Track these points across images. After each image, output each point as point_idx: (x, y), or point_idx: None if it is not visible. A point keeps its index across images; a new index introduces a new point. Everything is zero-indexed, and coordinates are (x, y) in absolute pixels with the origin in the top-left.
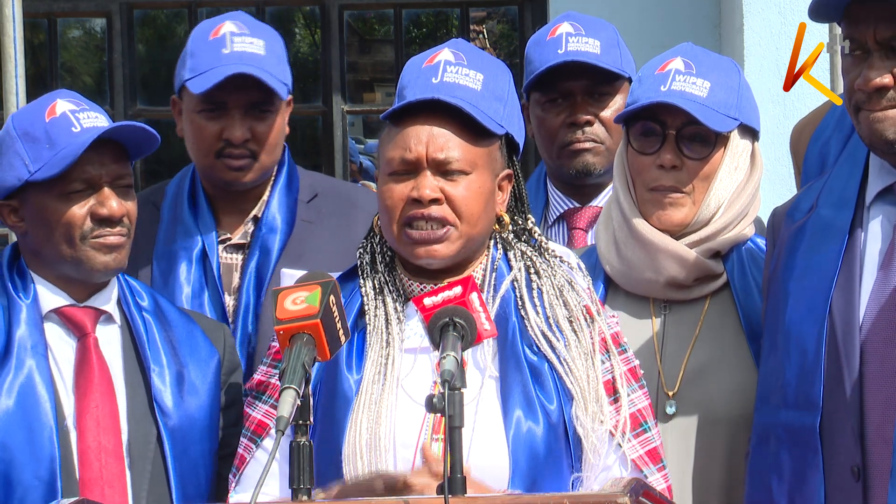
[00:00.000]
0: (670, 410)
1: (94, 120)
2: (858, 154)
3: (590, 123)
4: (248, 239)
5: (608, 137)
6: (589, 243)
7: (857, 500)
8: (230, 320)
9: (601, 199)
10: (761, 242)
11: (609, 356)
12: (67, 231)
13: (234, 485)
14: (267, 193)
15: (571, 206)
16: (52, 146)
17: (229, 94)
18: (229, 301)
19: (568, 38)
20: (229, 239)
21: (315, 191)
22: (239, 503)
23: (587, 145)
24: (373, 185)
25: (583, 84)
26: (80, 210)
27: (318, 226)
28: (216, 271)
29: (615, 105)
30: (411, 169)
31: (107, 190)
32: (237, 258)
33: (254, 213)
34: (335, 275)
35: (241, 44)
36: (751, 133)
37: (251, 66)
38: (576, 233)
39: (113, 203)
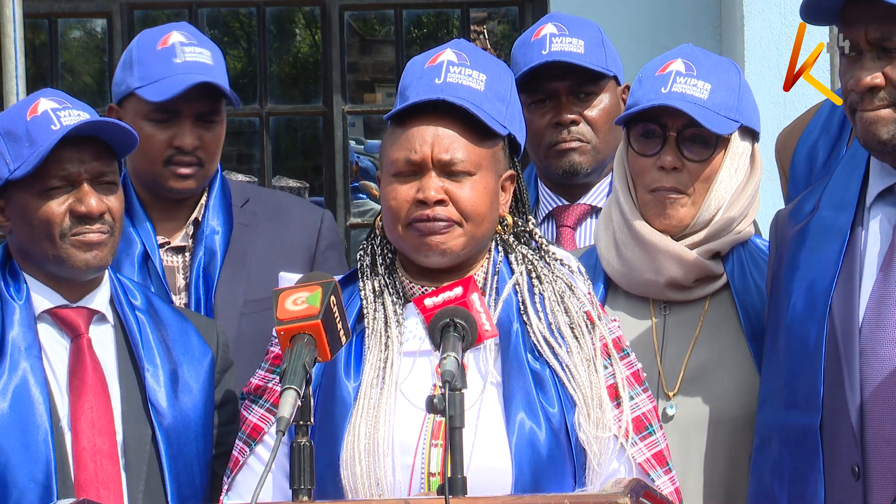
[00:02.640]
0: (670, 411)
1: (76, 118)
2: (859, 156)
3: (575, 123)
4: (189, 242)
5: (594, 136)
6: (577, 241)
7: (857, 500)
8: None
9: (589, 198)
10: (761, 243)
11: (611, 361)
12: (47, 228)
13: (225, 488)
14: (204, 198)
15: (560, 205)
16: (32, 144)
17: (183, 103)
18: (176, 300)
19: (552, 39)
20: (168, 243)
21: (246, 196)
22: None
23: (573, 145)
24: (372, 184)
25: (567, 84)
26: (59, 207)
27: (254, 228)
28: (160, 272)
29: (601, 104)
30: (416, 170)
31: (86, 187)
32: (178, 260)
33: (194, 216)
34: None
35: (192, 54)
36: (751, 134)
37: (205, 75)
38: (564, 230)
39: (91, 200)
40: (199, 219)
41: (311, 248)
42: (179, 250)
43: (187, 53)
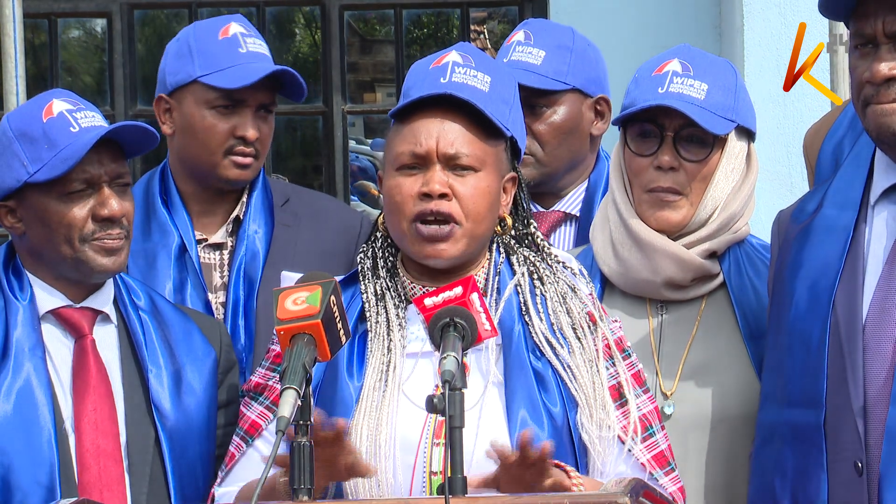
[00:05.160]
0: (668, 410)
1: (92, 119)
2: (863, 155)
3: None
4: (228, 240)
5: (539, 150)
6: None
7: (861, 497)
8: (215, 317)
9: (563, 205)
10: (756, 243)
11: (613, 362)
12: (68, 232)
13: (219, 479)
14: (246, 195)
15: (535, 211)
16: (52, 146)
17: (250, 93)
18: (212, 298)
19: (515, 47)
20: (206, 239)
21: (286, 195)
22: None
23: None
24: (371, 184)
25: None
26: (80, 211)
27: (295, 229)
28: (197, 267)
29: (551, 118)
30: (421, 163)
31: (107, 190)
32: (216, 257)
33: (235, 213)
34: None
35: (254, 45)
36: (747, 134)
37: (270, 66)
38: None
39: (114, 203)
40: (240, 217)
41: (350, 253)
42: (217, 247)
43: (250, 44)
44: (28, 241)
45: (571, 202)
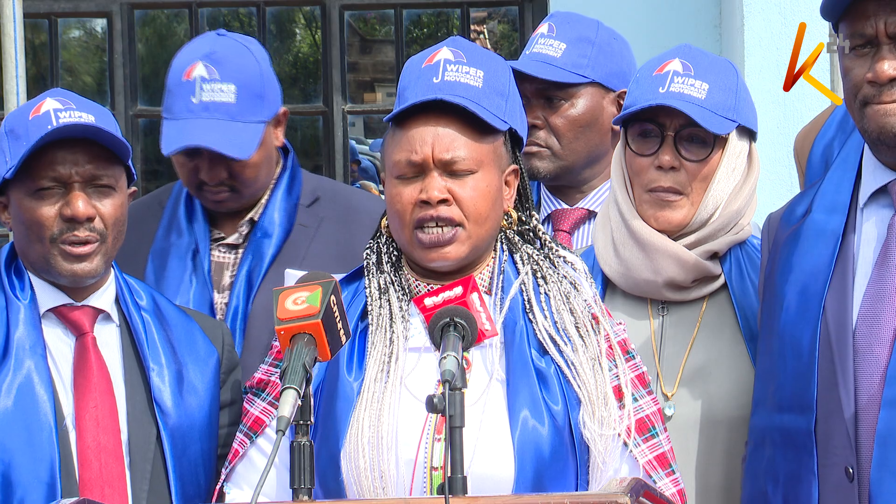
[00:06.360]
0: (669, 411)
1: (77, 119)
2: (851, 158)
3: (537, 127)
4: (242, 240)
5: (555, 143)
6: (573, 246)
7: (851, 502)
8: (217, 318)
9: (588, 202)
10: (758, 244)
11: (616, 363)
12: (40, 231)
13: (223, 477)
14: (266, 196)
15: (559, 208)
16: (28, 143)
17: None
18: (219, 299)
19: (538, 40)
20: (223, 238)
21: (316, 195)
22: (240, 503)
23: (532, 149)
24: (372, 184)
25: (534, 88)
26: (49, 209)
27: (316, 230)
28: (206, 268)
29: (569, 111)
30: (418, 171)
31: (76, 190)
32: (230, 257)
33: (250, 215)
34: (339, 276)
35: (210, 92)
36: (748, 134)
37: (217, 120)
38: (559, 234)
39: (79, 204)
40: (255, 218)
41: None
42: (233, 248)
43: (205, 92)
44: (16, 239)
45: (595, 199)
